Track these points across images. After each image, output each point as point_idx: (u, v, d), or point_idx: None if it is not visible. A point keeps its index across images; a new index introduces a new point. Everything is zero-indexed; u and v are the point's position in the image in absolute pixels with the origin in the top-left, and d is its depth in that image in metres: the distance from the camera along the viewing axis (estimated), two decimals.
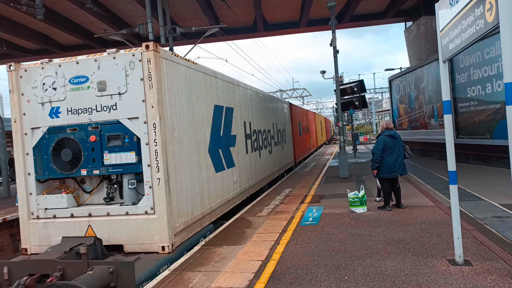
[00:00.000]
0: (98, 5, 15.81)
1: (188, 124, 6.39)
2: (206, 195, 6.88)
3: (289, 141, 17.31)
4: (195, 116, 6.66)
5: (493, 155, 12.37)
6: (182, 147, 6.07)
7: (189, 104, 6.45)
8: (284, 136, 16.00)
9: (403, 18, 21.58)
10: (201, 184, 6.70)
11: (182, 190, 5.95)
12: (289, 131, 17.63)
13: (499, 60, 11.24)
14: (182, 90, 6.23)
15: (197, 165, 6.63)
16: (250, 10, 18.45)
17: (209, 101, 7.46)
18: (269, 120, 13.14)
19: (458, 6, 3.90)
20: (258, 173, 10.93)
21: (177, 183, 5.80)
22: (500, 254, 4.58)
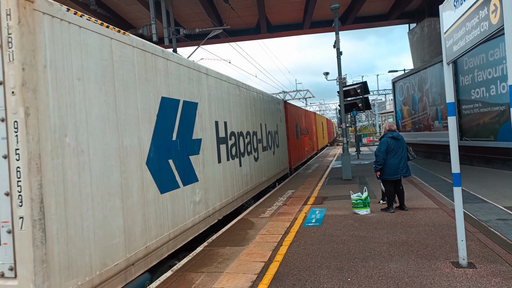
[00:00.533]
0: (102, 6, 15.92)
1: (104, 124, 4.21)
2: (138, 230, 4.65)
3: (283, 145, 14.97)
4: (120, 113, 4.50)
5: (497, 157, 12.31)
6: (86, 160, 3.88)
7: (106, 94, 4.28)
8: (276, 139, 13.65)
9: (406, 20, 21.55)
10: (127, 214, 4.47)
11: (80, 231, 3.71)
12: (283, 133, 15.42)
13: (504, 62, 11.20)
14: (91, 71, 4.06)
15: (120, 185, 4.40)
16: (254, 12, 18.49)
17: (152, 91, 5.25)
18: (255, 120, 10.89)
19: (463, 8, 3.89)
20: (238, 187, 8.68)
21: (69, 221, 3.58)
22: (504, 256, 4.56)
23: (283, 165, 14.53)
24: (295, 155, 17.62)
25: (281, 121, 15.14)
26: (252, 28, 20.81)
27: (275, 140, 13.58)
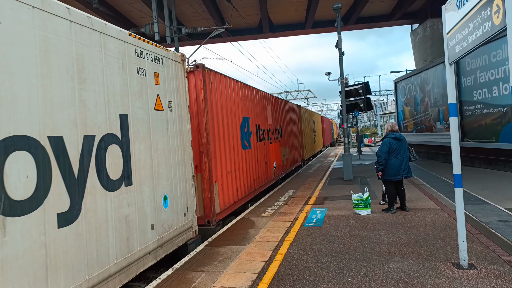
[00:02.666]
0: (105, 5, 15.93)
1: None
2: None
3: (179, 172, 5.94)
4: None
5: (499, 158, 12.28)
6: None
7: None
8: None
9: (409, 20, 21.51)
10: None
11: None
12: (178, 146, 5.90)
13: (506, 63, 11.17)
14: None
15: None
16: (256, 11, 18.48)
17: None
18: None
19: (465, 8, 3.88)
20: None
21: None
22: (505, 258, 4.55)
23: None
24: (229, 187, 8.08)
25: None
26: (254, 27, 20.80)
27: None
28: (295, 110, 18.09)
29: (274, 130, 12.82)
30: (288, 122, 15.60)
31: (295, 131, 17.29)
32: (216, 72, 7.75)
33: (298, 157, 17.51)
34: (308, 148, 21.39)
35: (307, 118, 22.14)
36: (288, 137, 15.10)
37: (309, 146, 22.50)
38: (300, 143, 18.31)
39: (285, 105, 15.37)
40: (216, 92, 7.67)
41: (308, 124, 22.68)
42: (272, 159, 12.22)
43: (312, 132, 24.37)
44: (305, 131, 20.82)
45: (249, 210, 8.61)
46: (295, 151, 16.67)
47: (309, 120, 23.27)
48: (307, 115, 22.82)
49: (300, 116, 18.92)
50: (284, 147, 14.26)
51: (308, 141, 22.15)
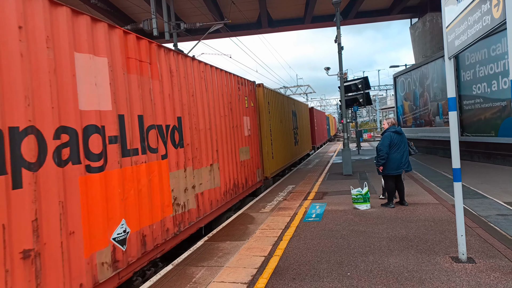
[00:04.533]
0: (103, 0, 15.84)
1: None
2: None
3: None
4: None
5: (498, 153, 12.29)
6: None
7: None
8: None
9: (408, 14, 21.42)
10: None
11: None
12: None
13: (505, 57, 11.15)
14: None
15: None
16: (255, 6, 18.39)
17: None
18: None
19: (465, 2, 3.86)
20: None
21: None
22: (504, 251, 4.56)
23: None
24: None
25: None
26: (253, 22, 20.70)
27: None
28: (242, 91, 9.64)
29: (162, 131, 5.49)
30: (218, 113, 7.77)
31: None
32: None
33: (250, 176, 9.74)
34: (280, 157, 13.45)
35: (278, 108, 13.90)
36: (209, 145, 7.19)
37: (283, 152, 14.15)
38: (257, 152, 10.53)
39: (226, 78, 8.41)
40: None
41: (283, 118, 14.77)
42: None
43: (290, 131, 16.31)
44: (276, 129, 13.09)
45: (249, 206, 8.63)
46: (242, 168, 9.09)
47: (284, 111, 15.09)
48: (279, 103, 14.17)
49: (257, 103, 11.10)
50: (197, 169, 6.55)
51: (281, 145, 13.82)
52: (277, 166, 12.91)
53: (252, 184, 9.90)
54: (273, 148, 12.39)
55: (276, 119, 13.45)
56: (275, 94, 13.75)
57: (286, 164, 14.73)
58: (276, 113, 13.44)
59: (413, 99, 18.93)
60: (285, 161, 14.50)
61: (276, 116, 13.38)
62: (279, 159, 13.38)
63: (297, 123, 18.55)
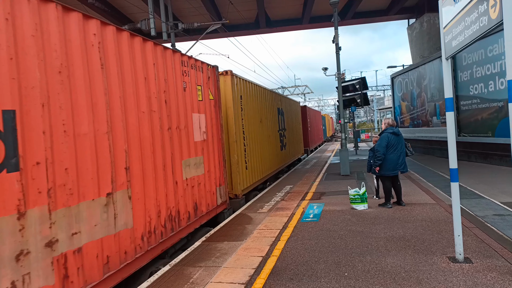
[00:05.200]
0: (100, 0, 15.80)
1: None
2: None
3: None
4: None
5: (495, 153, 12.34)
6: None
7: None
8: None
9: (406, 15, 21.50)
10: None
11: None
12: None
13: (502, 58, 11.20)
14: None
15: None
16: (253, 6, 18.40)
17: None
18: None
19: (462, 2, 3.88)
20: None
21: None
22: (500, 251, 4.58)
23: None
24: None
25: None
26: (251, 23, 20.72)
27: None
28: (194, 78, 6.83)
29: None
30: (133, 107, 4.96)
31: (182, 135, 6.31)
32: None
33: (205, 199, 6.97)
34: (258, 166, 10.85)
35: (257, 105, 11.19)
36: (105, 160, 4.32)
37: (263, 160, 11.46)
38: (218, 163, 7.70)
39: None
40: None
41: (265, 118, 12.04)
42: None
43: (275, 133, 13.49)
44: (253, 131, 10.50)
45: (246, 206, 8.63)
46: (188, 189, 6.34)
47: (266, 109, 12.27)
48: (258, 97, 11.43)
49: (220, 95, 8.19)
50: (64, 209, 3.65)
51: (260, 151, 11.15)
52: (253, 179, 10.24)
53: (207, 210, 6.93)
54: (247, 156, 9.73)
55: (253, 118, 10.69)
56: (252, 86, 10.94)
57: (268, 175, 12.08)
58: (253, 110, 10.70)
59: (410, 100, 18.99)
60: (266, 170, 11.75)
61: (253, 115, 10.64)
62: (258, 170, 10.77)
63: (285, 123, 15.87)
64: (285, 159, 15.17)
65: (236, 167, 8.96)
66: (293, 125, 18.08)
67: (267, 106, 12.73)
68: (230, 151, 8.93)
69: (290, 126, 17.24)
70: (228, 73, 8.98)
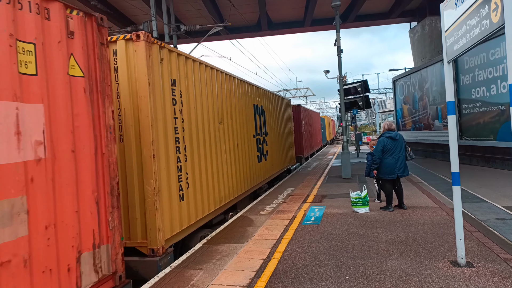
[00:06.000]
0: (103, 2, 15.88)
1: None
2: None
3: None
4: None
5: (497, 157, 12.31)
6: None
7: None
8: None
9: (408, 18, 21.52)
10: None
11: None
12: None
13: (504, 62, 11.18)
14: None
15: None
16: (255, 9, 18.45)
17: None
18: None
19: (464, 6, 3.88)
20: None
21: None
22: (502, 256, 4.56)
23: None
24: None
25: None
26: (253, 25, 20.77)
27: None
28: (34, 29, 3.20)
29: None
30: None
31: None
32: None
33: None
34: (209, 194, 7.00)
35: (211, 97, 7.55)
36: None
37: (216, 185, 7.44)
38: (93, 205, 3.76)
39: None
40: None
41: (230, 117, 8.65)
42: None
43: (250, 139, 10.15)
44: (199, 139, 6.77)
45: (248, 208, 8.62)
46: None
47: (232, 105, 8.89)
48: (213, 87, 7.71)
49: (104, 72, 4.06)
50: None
51: (215, 167, 7.45)
52: (198, 214, 6.41)
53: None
54: (188, 176, 6.15)
55: (204, 117, 6.96)
56: (204, 69, 7.23)
57: (233, 200, 8.35)
58: (203, 106, 6.99)
59: (412, 103, 18.97)
60: (229, 194, 8.03)
61: (202, 112, 6.91)
62: (210, 197, 6.97)
63: (266, 126, 12.14)
64: (266, 173, 11.71)
65: (154, 201, 5.07)
66: (280, 128, 14.48)
67: (235, 101, 9.03)
68: (144, 173, 5.12)
69: (276, 130, 13.63)
70: (140, 38, 5.16)
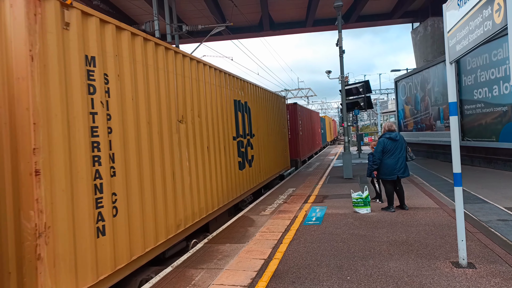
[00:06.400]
0: (105, 2, 15.91)
1: None
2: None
3: None
4: None
5: (499, 158, 12.28)
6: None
7: None
8: None
9: (410, 19, 21.50)
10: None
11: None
12: None
13: (507, 62, 11.16)
14: None
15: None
16: (257, 9, 18.46)
17: None
18: None
19: (466, 7, 3.87)
20: None
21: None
22: (504, 257, 4.55)
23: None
24: None
25: None
26: (255, 25, 20.77)
27: None
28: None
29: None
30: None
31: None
32: None
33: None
34: (156, 217, 5.00)
35: (163, 86, 5.54)
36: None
37: (172, 204, 5.44)
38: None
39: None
40: None
41: (198, 115, 6.62)
42: None
43: (230, 142, 8.36)
44: (143, 145, 4.84)
45: (249, 208, 8.62)
46: None
47: (198, 98, 6.71)
48: (184, 73, 6.18)
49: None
50: None
51: (171, 181, 5.49)
52: (132, 252, 4.45)
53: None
54: (118, 199, 4.26)
55: (152, 113, 5.24)
56: (150, 46, 5.70)
57: (200, 221, 6.40)
58: (151, 97, 5.24)
59: (414, 103, 18.94)
60: (194, 216, 6.17)
61: (149, 105, 5.17)
62: (156, 225, 5.04)
63: (252, 126, 10.25)
64: (251, 182, 9.79)
65: (35, 246, 3.26)
66: (271, 128, 12.53)
67: (207, 95, 7.19)
68: (20, 201, 3.34)
69: (265, 131, 11.73)
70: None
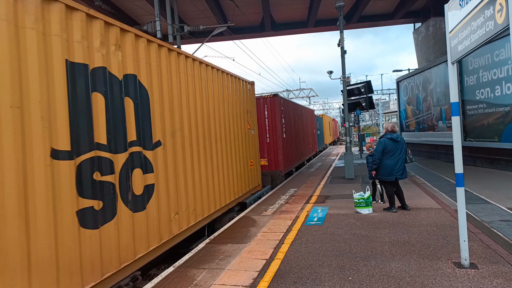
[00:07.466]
0: (107, 2, 15.95)
1: None
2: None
3: None
4: None
5: (501, 158, 12.25)
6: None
7: None
8: None
9: (412, 19, 21.46)
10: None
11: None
12: None
13: (509, 63, 11.14)
14: None
15: None
16: (258, 10, 18.47)
17: None
18: None
19: (468, 7, 3.87)
20: None
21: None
22: (506, 257, 4.54)
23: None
24: None
25: None
26: (257, 25, 20.78)
27: None
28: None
29: None
30: None
31: None
32: None
33: None
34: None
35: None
36: None
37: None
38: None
39: None
40: None
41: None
42: None
43: (64, 173, 3.56)
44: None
45: (250, 208, 8.63)
46: None
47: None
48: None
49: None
50: None
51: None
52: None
53: None
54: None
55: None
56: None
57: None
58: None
59: (416, 104, 18.91)
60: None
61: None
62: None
63: (155, 126, 5.26)
64: (127, 251, 4.51)
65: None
66: (218, 130, 7.62)
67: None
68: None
69: (207, 134, 7.02)
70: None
